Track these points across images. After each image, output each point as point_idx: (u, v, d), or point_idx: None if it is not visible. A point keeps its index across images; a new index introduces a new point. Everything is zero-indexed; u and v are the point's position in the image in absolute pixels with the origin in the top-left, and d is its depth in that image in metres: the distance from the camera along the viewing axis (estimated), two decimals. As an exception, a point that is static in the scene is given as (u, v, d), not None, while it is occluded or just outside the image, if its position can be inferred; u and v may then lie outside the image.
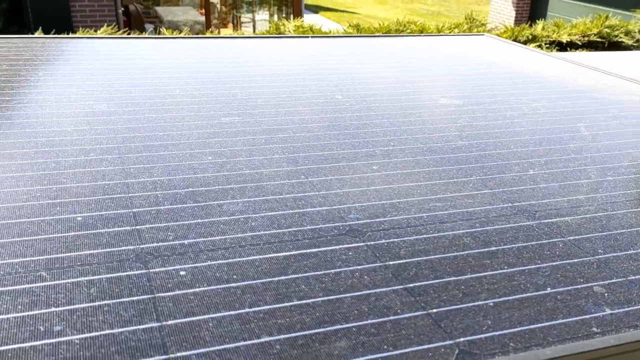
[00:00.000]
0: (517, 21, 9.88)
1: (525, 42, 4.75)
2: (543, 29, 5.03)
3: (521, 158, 1.48)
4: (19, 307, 0.83)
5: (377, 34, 4.52)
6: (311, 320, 0.84)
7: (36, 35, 3.47)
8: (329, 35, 3.98)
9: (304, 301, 0.88)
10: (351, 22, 5.05)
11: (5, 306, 0.83)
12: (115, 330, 0.80)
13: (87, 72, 2.00)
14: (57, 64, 2.10)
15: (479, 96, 2.00)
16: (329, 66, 2.30)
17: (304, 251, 1.01)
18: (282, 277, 0.93)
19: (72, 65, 2.08)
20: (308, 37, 2.80)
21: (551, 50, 4.73)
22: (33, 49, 2.27)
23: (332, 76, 2.15)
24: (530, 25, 5.12)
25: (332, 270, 0.96)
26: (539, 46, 4.75)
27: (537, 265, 1.00)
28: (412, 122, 1.70)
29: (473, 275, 0.96)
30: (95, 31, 4.25)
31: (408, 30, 4.83)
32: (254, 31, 9.70)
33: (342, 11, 14.99)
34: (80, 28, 5.96)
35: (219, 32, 8.72)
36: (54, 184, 1.20)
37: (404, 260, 1.00)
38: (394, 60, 2.47)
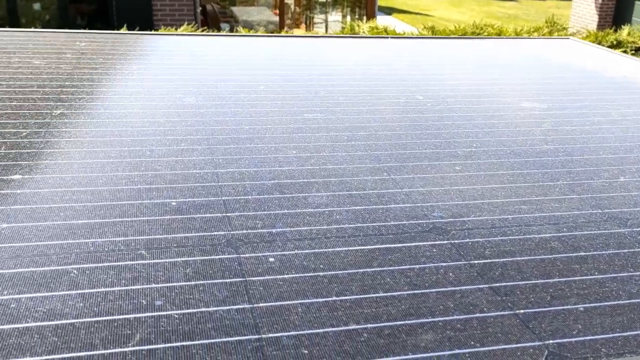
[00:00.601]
0: (600, 26, 9.48)
1: (609, 48, 4.55)
2: (629, 34, 4.81)
3: (611, 165, 1.43)
4: (123, 281, 0.89)
5: (453, 37, 4.46)
6: (397, 312, 0.85)
7: (127, 31, 3.64)
8: (406, 36, 3.97)
9: (390, 293, 0.89)
10: (425, 24, 5.01)
11: (110, 280, 0.89)
12: (211, 309, 0.84)
13: (176, 67, 2.09)
14: (148, 58, 2.21)
15: (564, 100, 1.95)
16: (408, 67, 2.30)
17: (389, 246, 1.02)
18: (368, 269, 0.95)
19: (161, 60, 2.18)
20: (388, 37, 2.81)
21: (638, 57, 4.51)
22: (126, 44, 2.40)
23: (411, 77, 2.15)
24: (615, 30, 4.90)
25: (417, 266, 0.97)
26: (624, 52, 4.54)
27: (630, 273, 0.97)
28: (494, 124, 1.68)
29: (562, 279, 0.95)
30: (176, 29, 4.41)
31: (485, 33, 4.74)
32: (326, 32, 9.78)
33: (416, 13, 14.86)
34: (162, 26, 6.20)
35: (292, 33, 8.84)
36: (149, 171, 1.26)
37: (489, 260, 0.99)
38: (473, 62, 2.44)
